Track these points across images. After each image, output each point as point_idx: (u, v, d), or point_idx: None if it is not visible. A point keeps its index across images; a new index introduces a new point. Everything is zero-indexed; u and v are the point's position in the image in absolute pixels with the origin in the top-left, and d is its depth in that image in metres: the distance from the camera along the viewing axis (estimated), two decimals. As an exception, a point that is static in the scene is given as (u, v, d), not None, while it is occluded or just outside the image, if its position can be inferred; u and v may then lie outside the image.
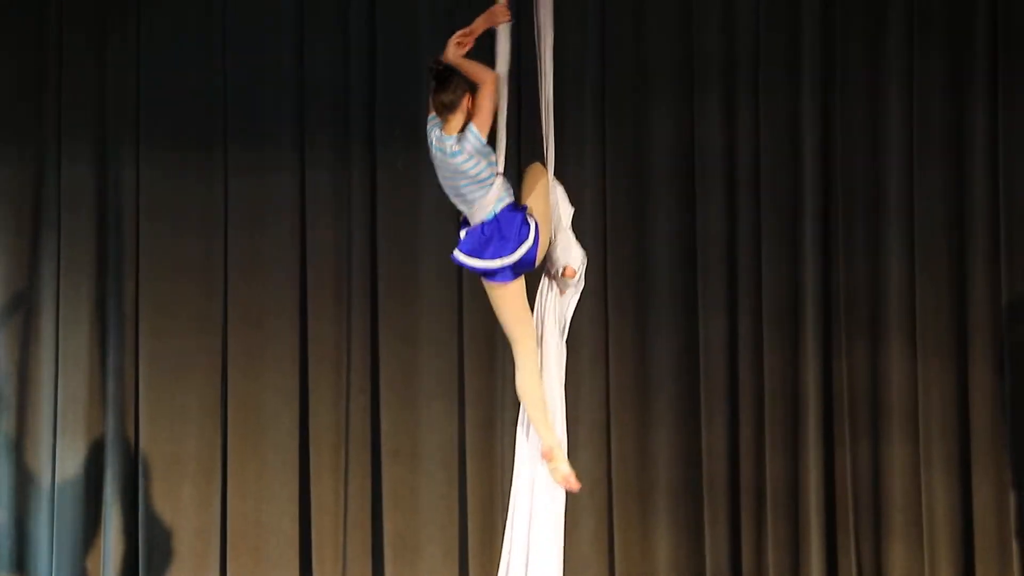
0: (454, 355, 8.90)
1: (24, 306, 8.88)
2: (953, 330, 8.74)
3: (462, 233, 6.37)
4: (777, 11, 8.82)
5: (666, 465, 8.87)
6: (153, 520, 8.83)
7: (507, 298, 6.37)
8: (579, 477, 8.63)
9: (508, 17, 6.33)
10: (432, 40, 8.61)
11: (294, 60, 8.95)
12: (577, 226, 7.60)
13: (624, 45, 8.90)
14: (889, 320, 8.75)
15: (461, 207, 6.38)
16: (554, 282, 6.55)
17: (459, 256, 6.31)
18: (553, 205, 6.49)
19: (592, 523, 8.81)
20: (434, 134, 6.30)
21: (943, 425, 8.71)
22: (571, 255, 6.50)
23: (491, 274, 6.33)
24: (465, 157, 6.25)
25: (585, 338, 8.72)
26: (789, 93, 8.81)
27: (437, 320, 8.90)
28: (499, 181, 6.31)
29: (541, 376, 6.43)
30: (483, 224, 6.31)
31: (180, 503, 8.86)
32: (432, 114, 6.32)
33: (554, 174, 6.52)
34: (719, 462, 8.80)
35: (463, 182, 6.30)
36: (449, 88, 6.24)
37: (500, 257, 6.29)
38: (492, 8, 6.36)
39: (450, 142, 6.26)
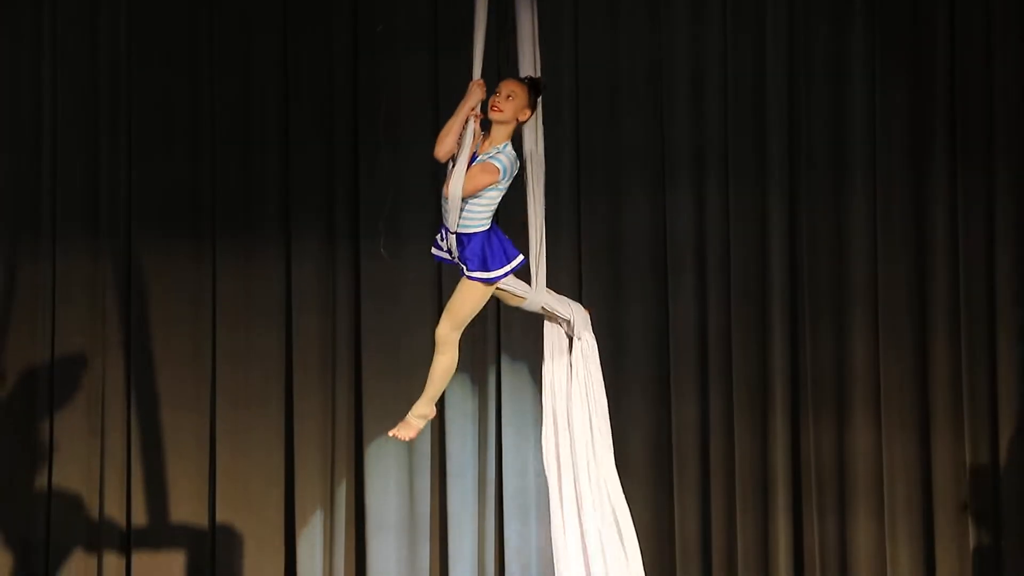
0: (437, 433, 8.98)
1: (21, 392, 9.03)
2: (916, 407, 8.86)
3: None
4: (744, 103, 8.97)
5: (641, 538, 8.86)
6: (145, 596, 8.95)
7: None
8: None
9: (482, 92, 6.46)
10: (414, 131, 8.86)
11: (280, 152, 9.08)
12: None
13: (597, 133, 9.05)
14: (854, 399, 8.87)
15: None
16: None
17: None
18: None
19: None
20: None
21: (907, 498, 8.83)
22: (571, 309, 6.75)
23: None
24: None
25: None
26: (757, 185, 8.95)
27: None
28: None
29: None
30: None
31: (171, 578, 8.97)
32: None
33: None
34: (691, 535, 8.89)
35: None
36: None
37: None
38: (470, 86, 6.47)
39: None
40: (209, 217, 9.12)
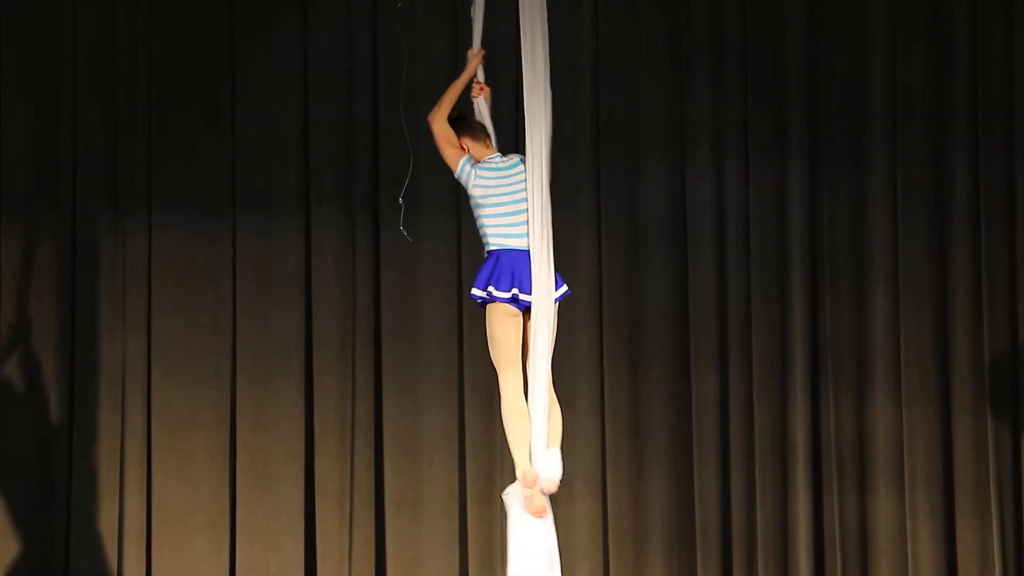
0: (455, 409, 9.01)
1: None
2: (936, 381, 8.86)
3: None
4: (763, 73, 8.97)
5: (660, 513, 8.97)
6: (165, 570, 8.95)
7: (513, 326, 6.46)
8: (576, 525, 8.92)
9: (481, 58, 6.66)
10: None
11: (300, 127, 9.09)
12: (573, 285, 7.87)
13: (617, 106, 9.04)
14: (874, 373, 8.88)
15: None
16: None
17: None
18: None
19: (589, 569, 8.93)
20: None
21: (927, 474, 8.83)
22: None
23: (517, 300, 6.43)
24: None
25: (581, 392, 8.90)
26: (776, 155, 8.95)
27: (439, 375, 9.02)
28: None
29: (524, 403, 6.43)
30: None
31: (191, 553, 8.96)
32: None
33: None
34: (711, 510, 8.91)
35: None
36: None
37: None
38: (468, 55, 6.70)
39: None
40: (229, 192, 9.12)
